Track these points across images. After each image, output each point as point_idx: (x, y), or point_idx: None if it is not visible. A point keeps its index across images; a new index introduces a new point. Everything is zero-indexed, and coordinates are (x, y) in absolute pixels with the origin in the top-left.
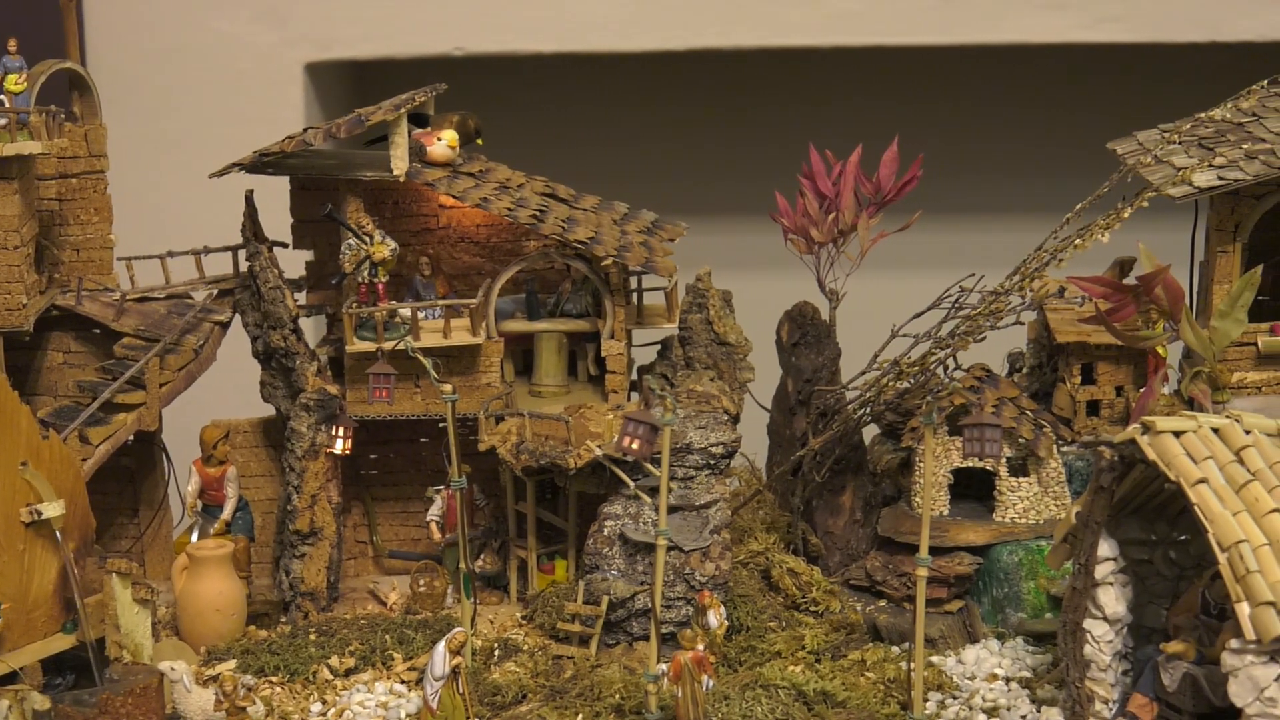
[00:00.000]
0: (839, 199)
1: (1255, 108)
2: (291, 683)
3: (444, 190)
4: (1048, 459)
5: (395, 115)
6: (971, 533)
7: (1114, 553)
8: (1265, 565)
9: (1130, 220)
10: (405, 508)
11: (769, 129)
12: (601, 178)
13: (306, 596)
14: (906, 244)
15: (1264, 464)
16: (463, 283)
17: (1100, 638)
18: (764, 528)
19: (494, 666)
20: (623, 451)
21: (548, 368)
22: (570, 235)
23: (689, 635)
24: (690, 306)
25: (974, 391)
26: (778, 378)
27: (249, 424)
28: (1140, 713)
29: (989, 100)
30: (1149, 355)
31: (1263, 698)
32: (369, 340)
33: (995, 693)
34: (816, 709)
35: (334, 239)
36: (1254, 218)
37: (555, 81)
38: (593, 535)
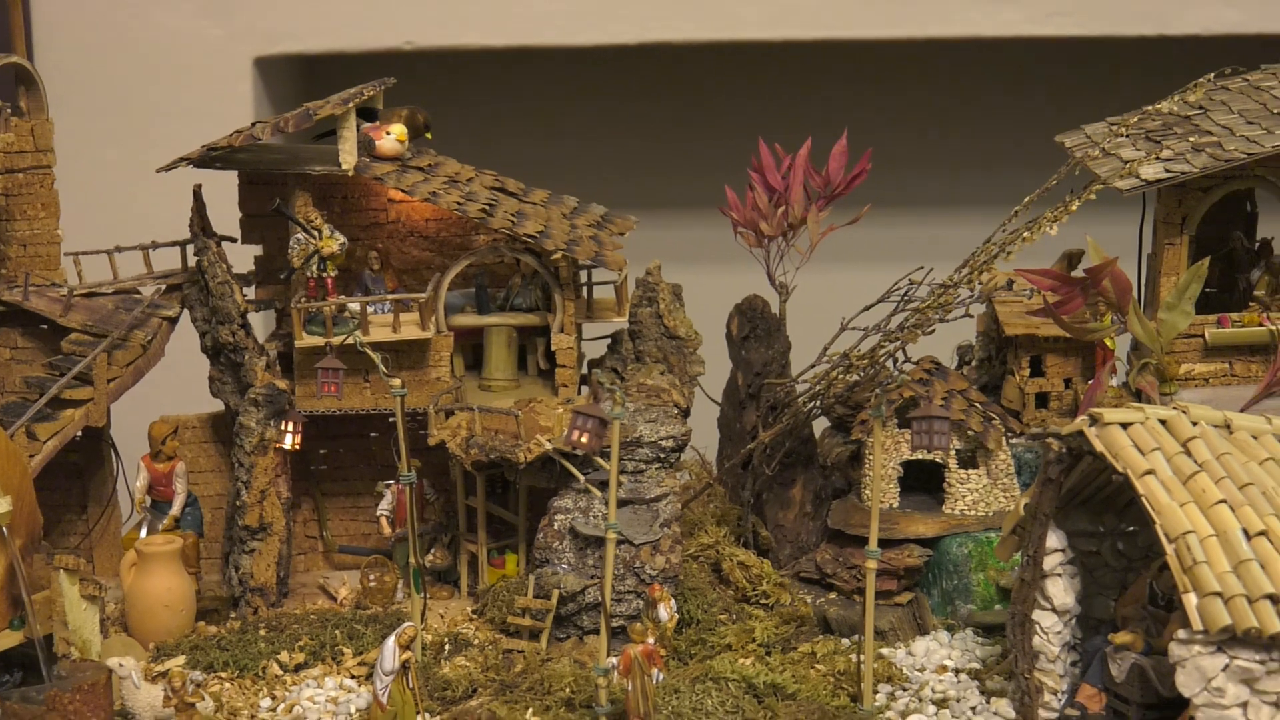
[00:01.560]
0: (788, 193)
1: (1202, 101)
2: (241, 678)
3: (393, 184)
4: (997, 451)
5: (343, 110)
6: (921, 525)
7: (1062, 544)
8: (1212, 556)
9: (1079, 213)
10: (355, 503)
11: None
12: (551, 172)
13: (256, 592)
14: (856, 237)
15: (1211, 455)
16: (412, 277)
17: (1049, 629)
18: (714, 521)
19: (444, 661)
20: (572, 445)
21: (497, 362)
22: (520, 229)
23: (639, 629)
24: (640, 300)
25: (923, 384)
26: (728, 371)
27: (198, 419)
28: (1089, 703)
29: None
30: (1097, 347)
31: (1210, 688)
32: (318, 335)
33: (945, 684)
34: (767, 701)
35: (283, 234)
36: (1201, 210)
37: (504, 76)
38: (543, 529)
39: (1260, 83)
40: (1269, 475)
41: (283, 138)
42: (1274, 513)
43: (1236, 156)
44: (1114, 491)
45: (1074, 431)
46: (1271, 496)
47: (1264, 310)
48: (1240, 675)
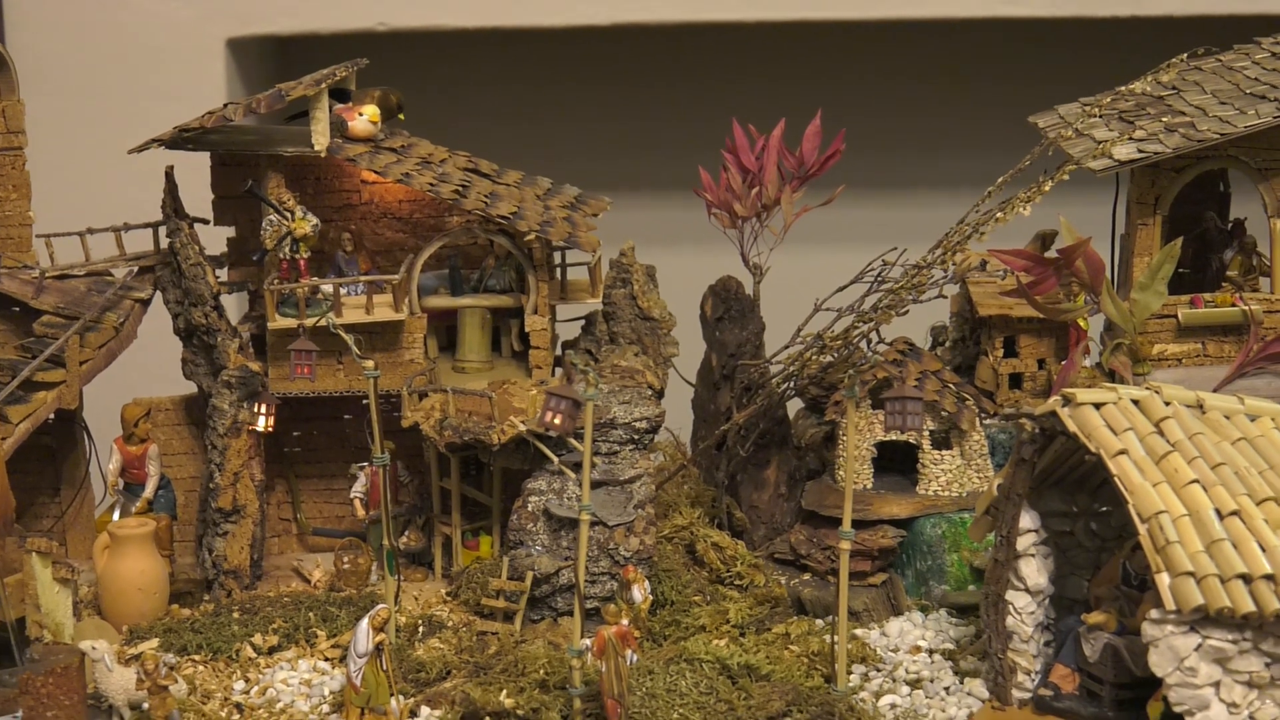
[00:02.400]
0: (762, 173)
1: (1175, 81)
2: (214, 661)
3: (366, 166)
4: (970, 432)
5: (316, 90)
6: (895, 506)
7: (1035, 524)
8: (1184, 536)
9: (1052, 193)
10: (329, 485)
11: (693, 104)
12: (525, 153)
13: (229, 575)
14: (830, 218)
15: (1183, 435)
16: (385, 259)
17: (1022, 609)
18: (688, 502)
19: (418, 643)
20: (545, 427)
21: (471, 343)
22: (493, 210)
23: (613, 610)
24: (614, 282)
25: (896, 365)
26: (702, 352)
27: (170, 402)
28: (1062, 683)
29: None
30: (1070, 328)
31: (1183, 667)
32: (291, 317)
33: (918, 665)
34: (741, 682)
35: (255, 215)
36: (1174, 191)
37: (478, 56)
38: (517, 511)
39: (1233, 63)
40: (1241, 455)
41: (255, 119)
42: (1246, 492)
43: (1209, 137)
44: (1087, 472)
45: (1047, 412)
46: (1244, 476)
47: (1237, 291)
48: (1213, 655)
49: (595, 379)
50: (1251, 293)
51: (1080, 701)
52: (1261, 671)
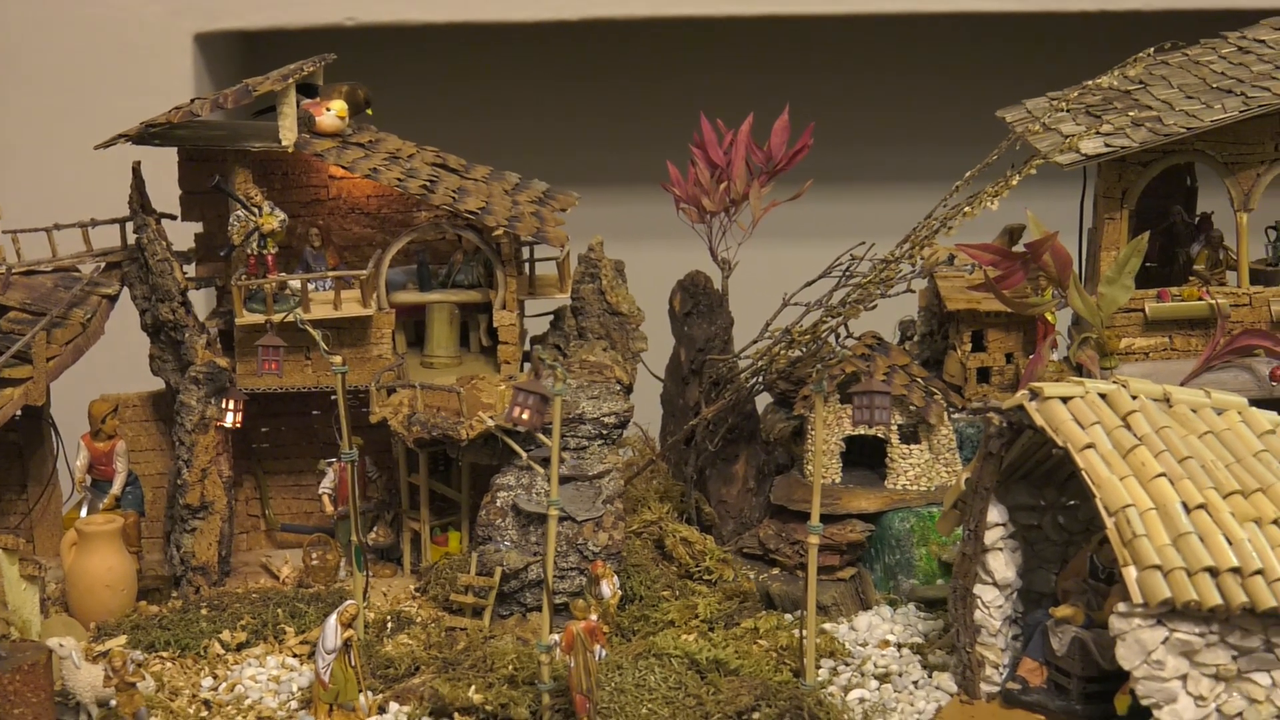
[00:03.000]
0: (730, 168)
1: (1142, 75)
2: (182, 658)
3: (333, 161)
4: (939, 426)
5: (283, 86)
6: (864, 500)
7: (1003, 518)
8: (1151, 529)
9: (1020, 188)
10: (297, 481)
11: (660, 98)
12: (493, 148)
13: (197, 571)
14: (798, 213)
15: (1150, 429)
16: (353, 254)
17: (990, 603)
18: (657, 497)
19: (387, 639)
20: (513, 422)
21: (439, 339)
22: (461, 205)
23: (582, 605)
24: (583, 276)
25: (865, 359)
26: (670, 347)
27: (138, 398)
28: (1030, 676)
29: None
30: (1038, 322)
31: (1150, 660)
32: (259, 312)
33: (887, 659)
34: (709, 677)
35: (223, 211)
36: (1141, 185)
37: (446, 51)
38: (485, 506)
39: (1199, 57)
40: (1208, 449)
41: (222, 114)
42: (1213, 486)
43: (1176, 131)
44: (1055, 465)
45: (1014, 406)
46: (1211, 470)
47: (1203, 284)
48: (1180, 648)
49: (563, 374)
50: (1218, 287)
51: (1048, 695)
52: (1228, 664)
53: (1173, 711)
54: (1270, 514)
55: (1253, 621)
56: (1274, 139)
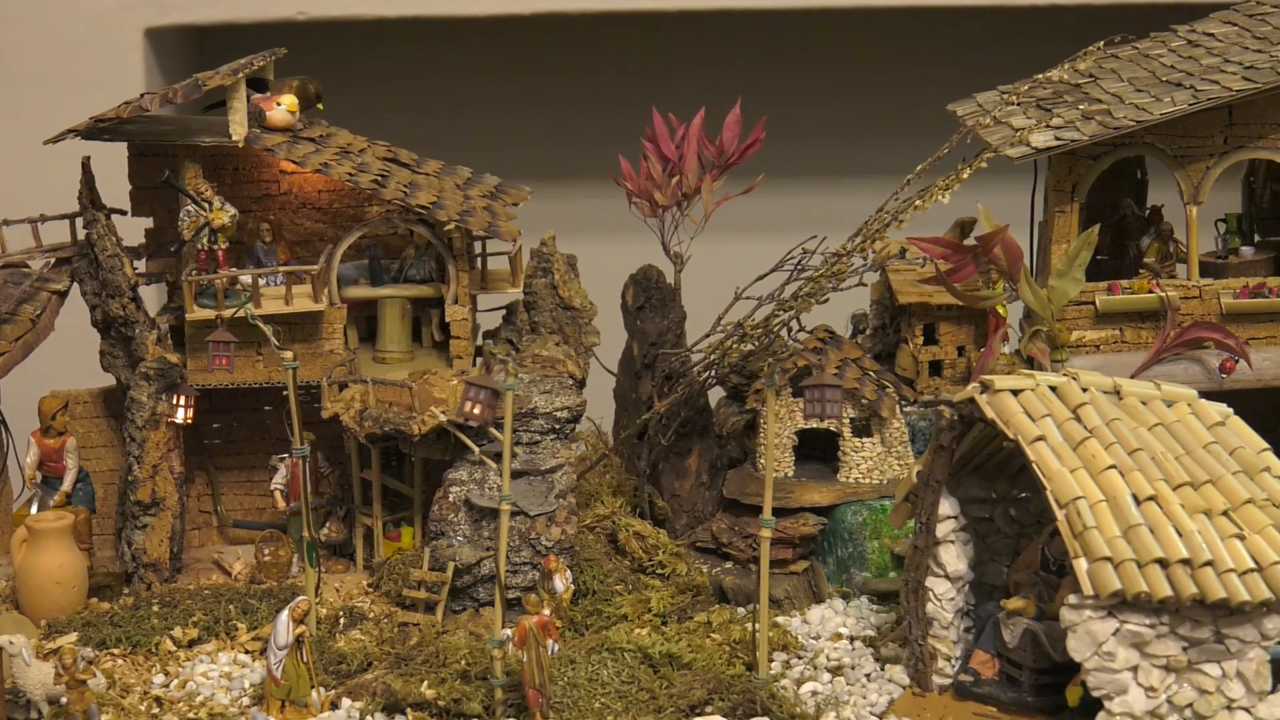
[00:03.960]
0: (682, 162)
1: (1092, 69)
2: (134, 655)
3: (284, 155)
4: (891, 419)
5: (233, 80)
6: (816, 493)
7: (955, 511)
8: (1102, 521)
9: (973, 182)
10: (249, 477)
11: (612, 93)
12: (445, 143)
13: (149, 568)
14: (750, 207)
15: (1100, 421)
16: (305, 249)
17: (942, 595)
18: (610, 491)
19: (339, 635)
20: (465, 417)
21: (391, 334)
22: (412, 200)
23: (534, 600)
24: (535, 271)
25: (817, 353)
26: (623, 341)
27: (88, 394)
28: (982, 669)
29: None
30: (989, 315)
31: (1101, 652)
32: (209, 308)
33: (840, 652)
34: (662, 671)
35: (173, 206)
36: (1091, 178)
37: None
38: (438, 502)
39: (1149, 50)
40: (1158, 441)
41: (172, 109)
42: (1163, 478)
43: (1126, 124)
44: (1006, 458)
45: (965, 399)
46: (1160, 462)
47: (1154, 277)
48: (1131, 639)
49: (515, 368)
50: (1168, 279)
51: (1000, 687)
52: (1179, 655)
53: (1123, 703)
54: (1220, 505)
55: (1203, 613)
56: (1223, 132)
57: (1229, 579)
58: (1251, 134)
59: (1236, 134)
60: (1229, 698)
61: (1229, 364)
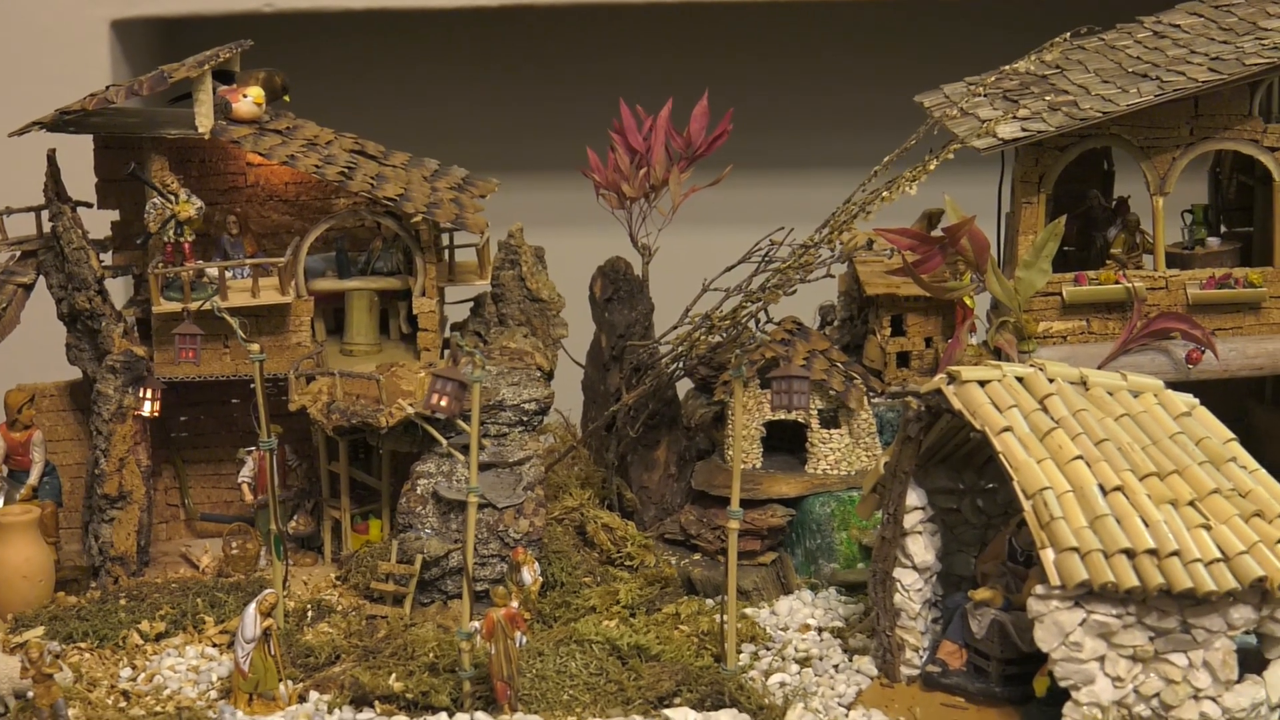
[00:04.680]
0: (650, 154)
1: (1059, 60)
2: (101, 649)
3: (250, 148)
4: (858, 410)
5: (199, 72)
6: (784, 485)
7: (922, 502)
8: (1069, 511)
9: (941, 173)
10: (217, 470)
11: (580, 84)
12: (411, 135)
13: (116, 561)
14: (718, 198)
15: (1067, 412)
16: (271, 241)
17: (910, 586)
18: (579, 483)
19: (307, 627)
20: (432, 409)
21: (359, 326)
22: (379, 192)
23: (502, 592)
24: (503, 263)
25: (784, 344)
26: (591, 333)
27: (55, 387)
28: (950, 659)
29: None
30: (957, 306)
31: (1068, 642)
32: (176, 301)
33: (808, 643)
34: (631, 663)
35: (139, 198)
36: (1058, 169)
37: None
38: (406, 494)
39: (1115, 42)
40: (1124, 431)
41: (138, 101)
42: (1129, 468)
43: (1092, 115)
44: (973, 449)
45: (932, 390)
46: (1127, 452)
47: (1120, 268)
48: (1097, 629)
49: (481, 360)
50: (1135, 270)
51: (967, 677)
52: (1145, 645)
53: (1091, 693)
54: (1186, 495)
55: (1169, 603)
56: (1189, 123)
57: (1195, 569)
58: (1217, 125)
59: (1202, 125)
60: (1195, 687)
61: (1195, 355)
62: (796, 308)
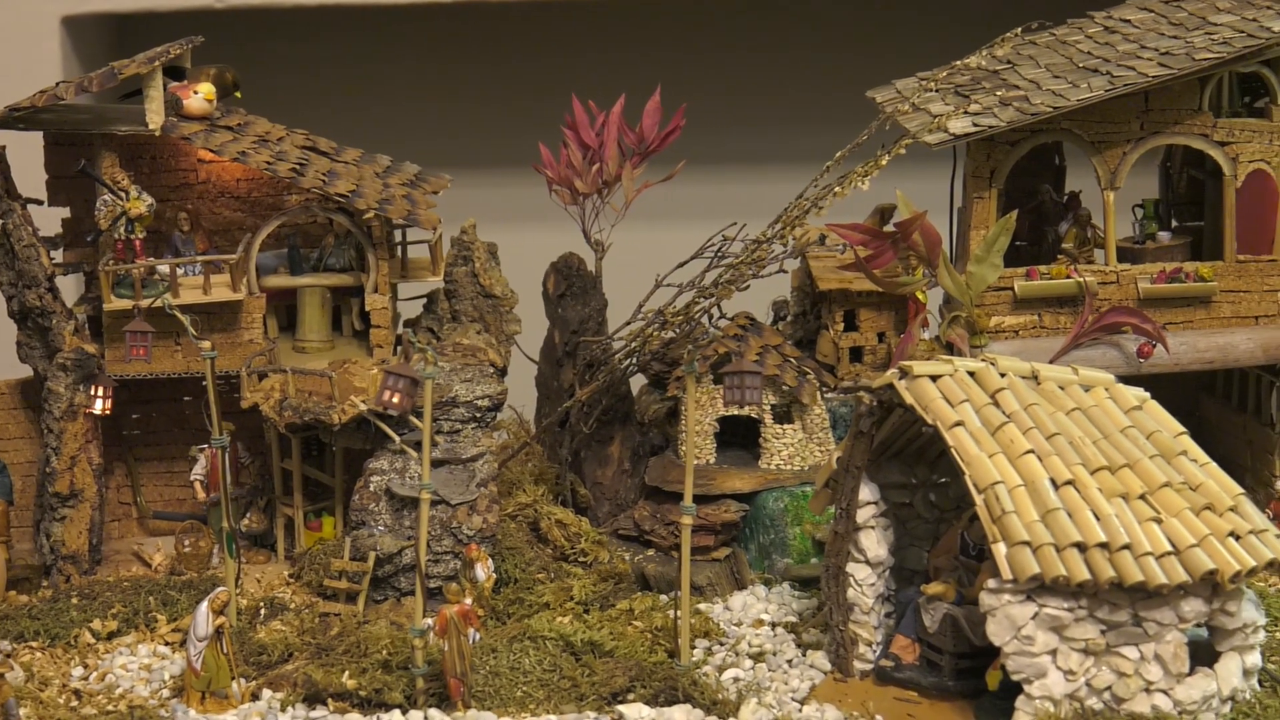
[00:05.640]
0: (603, 150)
1: (1010, 55)
2: (52, 647)
3: (201, 144)
4: (811, 406)
5: (149, 68)
6: (738, 480)
7: (875, 496)
8: (1020, 506)
9: (891, 168)
10: (169, 468)
11: (532, 81)
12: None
13: (68, 560)
14: (670, 194)
15: (1019, 406)
16: (223, 238)
17: (862, 581)
18: (532, 480)
19: (260, 626)
20: (383, 406)
21: (311, 323)
22: (332, 188)
23: (455, 589)
24: (456, 259)
25: (737, 340)
26: (545, 329)
27: (6, 385)
28: (903, 654)
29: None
30: (909, 301)
31: (1020, 636)
32: (127, 298)
33: (761, 638)
34: (584, 659)
35: (90, 195)
36: (1009, 164)
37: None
38: (359, 491)
39: (1066, 37)
40: (1075, 425)
41: (89, 97)
42: (1080, 462)
43: (1043, 110)
44: (925, 443)
45: (884, 385)
46: (1078, 446)
47: (1072, 262)
48: (1049, 623)
49: (433, 357)
50: (1086, 265)
51: (921, 671)
52: (1097, 639)
53: (1043, 686)
54: (1137, 489)
55: (1120, 596)
56: (1140, 118)
57: (1146, 562)
58: (1168, 120)
59: (1153, 120)
60: (1147, 680)
61: (1146, 348)
62: (749, 303)
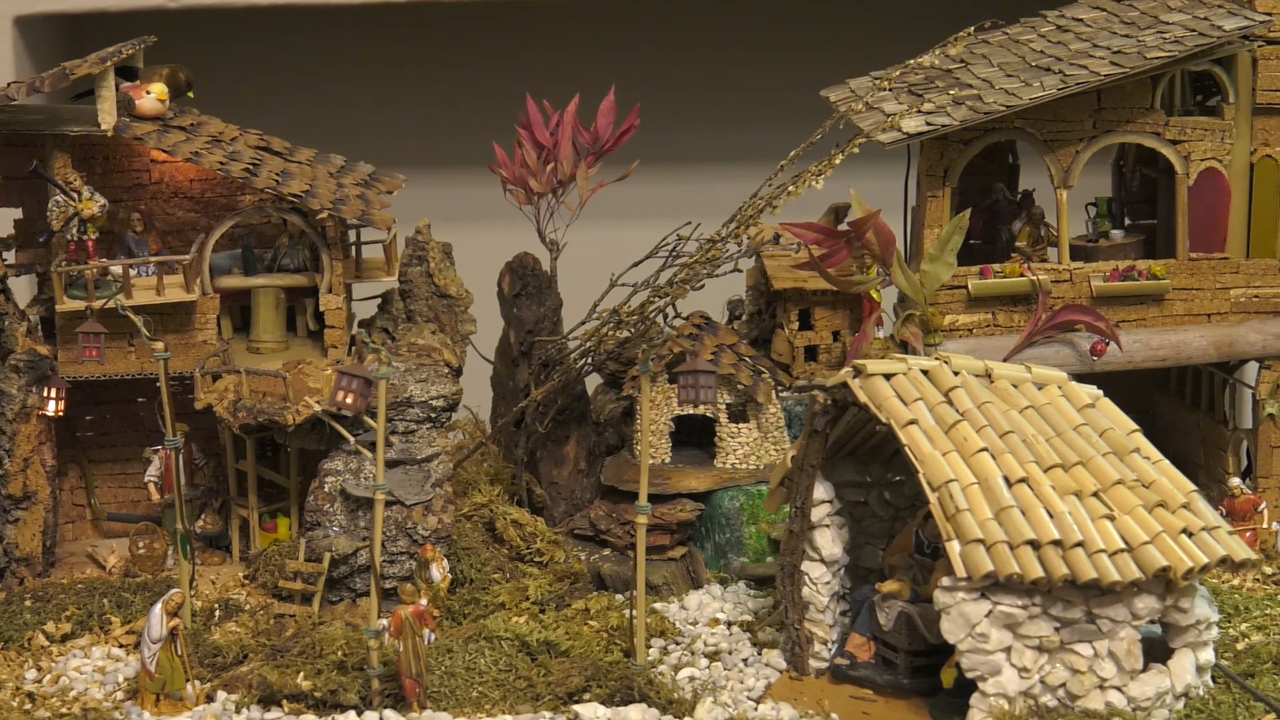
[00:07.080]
0: (557, 149)
1: (963, 54)
2: (5, 650)
3: (154, 144)
4: (767, 404)
5: (101, 69)
6: (693, 479)
7: (830, 495)
8: (974, 503)
9: (847, 167)
10: (124, 469)
11: (486, 80)
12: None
13: (21, 562)
14: (625, 194)
15: (972, 404)
16: (177, 239)
17: (818, 579)
18: (488, 480)
19: (214, 627)
20: (338, 406)
21: (265, 324)
22: (285, 189)
23: (410, 590)
24: (410, 259)
25: (692, 339)
26: (500, 329)
27: None
28: (858, 652)
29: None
30: (864, 300)
31: (974, 633)
32: (80, 299)
33: (717, 637)
34: (540, 659)
35: (42, 196)
36: (962, 163)
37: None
38: (314, 492)
39: (1019, 36)
40: (1029, 423)
41: (41, 98)
42: (1034, 460)
43: (996, 109)
44: (880, 442)
45: (838, 383)
46: (1031, 444)
47: (1025, 261)
48: (1003, 620)
49: (387, 357)
50: (1040, 263)
51: (876, 669)
52: (1051, 636)
53: (997, 683)
54: (1090, 486)
55: (1074, 593)
56: (1092, 116)
57: (1100, 559)
58: (1120, 118)
59: (1105, 118)
60: (1101, 677)
61: (1099, 346)
62: (704, 302)
